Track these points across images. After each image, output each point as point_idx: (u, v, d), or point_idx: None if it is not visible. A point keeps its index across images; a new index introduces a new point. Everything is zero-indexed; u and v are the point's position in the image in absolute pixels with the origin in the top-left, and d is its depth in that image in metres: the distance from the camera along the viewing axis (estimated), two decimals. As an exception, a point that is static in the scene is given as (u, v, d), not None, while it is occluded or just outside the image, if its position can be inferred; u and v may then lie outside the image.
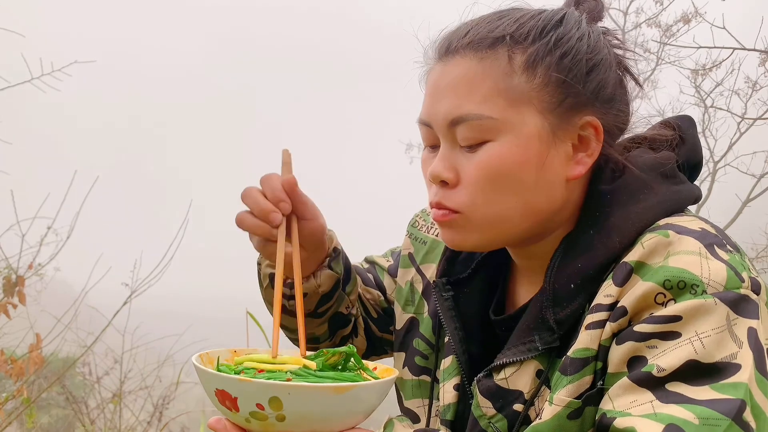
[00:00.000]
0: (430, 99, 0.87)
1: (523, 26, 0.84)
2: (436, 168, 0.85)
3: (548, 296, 0.84)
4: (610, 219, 0.83)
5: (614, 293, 0.79)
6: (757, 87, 5.18)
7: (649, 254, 0.78)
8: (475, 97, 0.82)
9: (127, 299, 3.71)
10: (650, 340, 0.75)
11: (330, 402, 0.72)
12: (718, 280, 0.74)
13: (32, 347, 3.12)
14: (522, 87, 0.82)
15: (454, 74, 0.84)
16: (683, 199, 0.86)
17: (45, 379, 4.07)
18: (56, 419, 5.45)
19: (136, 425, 4.22)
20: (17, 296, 3.15)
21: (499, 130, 0.82)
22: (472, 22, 0.87)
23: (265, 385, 0.71)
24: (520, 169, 0.82)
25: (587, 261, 0.83)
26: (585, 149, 0.85)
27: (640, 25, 6.05)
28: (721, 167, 5.75)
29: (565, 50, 0.83)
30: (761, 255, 5.24)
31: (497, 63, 0.82)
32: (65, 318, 3.58)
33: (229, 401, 0.73)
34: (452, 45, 0.86)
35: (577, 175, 0.85)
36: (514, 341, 0.87)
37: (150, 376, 4.44)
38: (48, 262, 3.64)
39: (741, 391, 0.70)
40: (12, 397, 3.31)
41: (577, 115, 0.84)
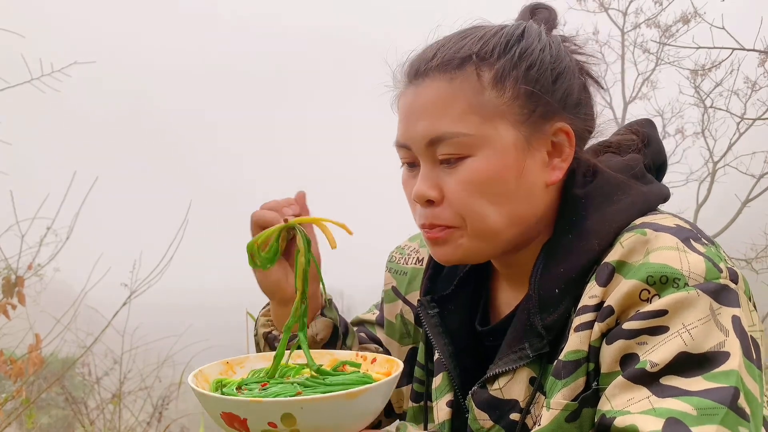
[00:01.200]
0: (405, 122, 0.89)
1: (487, 44, 0.87)
2: (420, 188, 0.87)
3: (534, 303, 0.86)
4: (586, 222, 0.86)
5: (599, 293, 0.81)
6: (757, 87, 5.18)
7: (629, 253, 0.80)
8: (450, 117, 0.85)
9: (127, 300, 3.70)
10: (640, 336, 0.76)
11: (343, 409, 0.72)
12: (698, 272, 0.77)
13: (32, 348, 3.12)
14: (493, 102, 0.85)
15: (427, 97, 0.87)
16: (654, 199, 0.90)
17: (44, 379, 4.06)
18: (56, 420, 5.45)
19: (136, 426, 4.22)
20: (17, 297, 3.14)
21: (476, 145, 0.85)
22: (438, 43, 0.91)
23: (276, 404, 0.70)
24: (501, 180, 0.85)
25: (569, 265, 0.85)
26: (559, 155, 0.89)
27: (640, 25, 6.05)
28: (721, 167, 5.75)
29: (530, 62, 0.86)
30: (761, 255, 5.23)
31: (467, 82, 0.85)
32: (65, 318, 3.58)
33: (238, 423, 0.72)
34: (421, 68, 0.89)
35: (554, 180, 0.89)
36: (505, 350, 0.89)
37: (149, 377, 4.44)
38: (47, 263, 3.64)
39: (733, 379, 0.72)
40: (11, 398, 3.30)
41: (548, 122, 0.87)
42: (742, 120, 5.19)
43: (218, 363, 0.87)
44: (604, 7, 6.18)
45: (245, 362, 0.90)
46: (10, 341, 3.55)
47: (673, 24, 5.70)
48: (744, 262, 5.33)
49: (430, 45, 0.91)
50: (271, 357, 0.88)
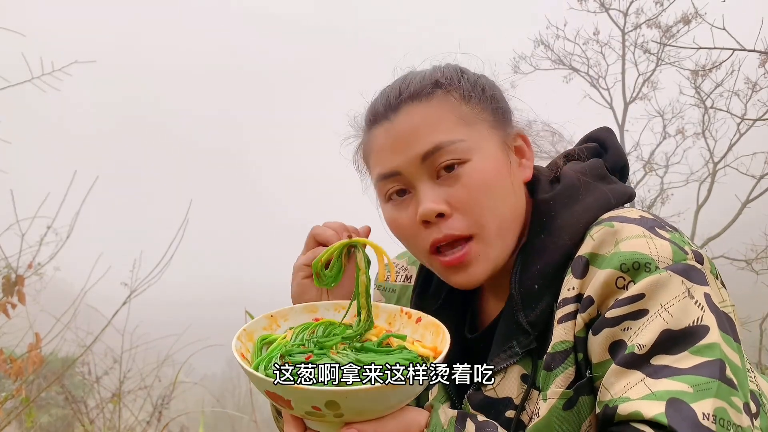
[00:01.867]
0: (390, 150, 0.95)
1: (444, 74, 0.98)
2: (428, 206, 0.92)
3: (516, 301, 0.92)
4: (556, 221, 0.93)
5: (576, 285, 0.86)
6: (757, 88, 5.18)
7: (600, 245, 0.86)
8: (442, 128, 0.93)
9: (127, 299, 3.70)
10: (623, 323, 0.81)
11: (386, 397, 0.75)
12: (665, 255, 0.83)
13: (31, 347, 3.12)
14: (470, 113, 0.96)
15: (411, 122, 0.94)
16: (618, 197, 0.96)
17: (44, 378, 4.07)
18: (55, 419, 5.45)
19: (136, 425, 4.22)
20: (17, 296, 3.14)
21: (471, 149, 0.93)
22: (395, 83, 0.99)
23: (320, 392, 0.72)
24: (500, 178, 0.94)
25: (544, 262, 0.91)
26: (523, 155, 1.01)
27: (640, 26, 6.06)
28: (721, 168, 5.75)
29: (481, 86, 0.99)
30: (761, 256, 5.23)
31: (444, 101, 0.95)
32: (65, 317, 3.58)
33: (282, 402, 0.75)
34: (392, 103, 0.96)
35: (528, 177, 0.99)
36: (495, 351, 0.93)
37: (149, 376, 4.44)
38: (48, 262, 3.64)
39: (717, 352, 0.77)
40: (11, 397, 3.30)
41: (509, 129, 0.99)
42: (743, 121, 5.18)
43: (262, 317, 0.90)
44: (604, 8, 6.18)
45: (289, 315, 0.92)
46: (10, 340, 3.55)
47: (673, 24, 5.71)
48: (744, 262, 5.34)
49: (386, 88, 1.00)
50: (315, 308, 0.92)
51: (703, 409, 0.73)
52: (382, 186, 0.97)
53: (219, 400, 5.91)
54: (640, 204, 6.34)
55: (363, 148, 1.02)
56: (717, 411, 0.74)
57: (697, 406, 0.73)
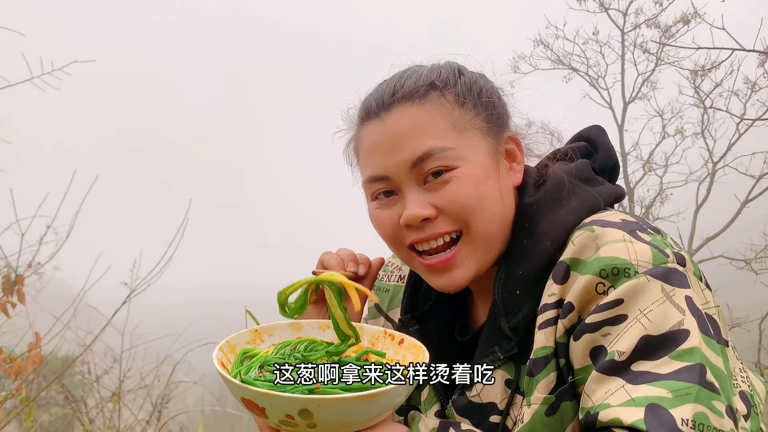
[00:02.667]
0: (380, 153, 0.94)
1: (440, 74, 0.97)
2: (413, 211, 0.92)
3: (499, 307, 0.92)
4: (539, 226, 0.93)
5: (557, 291, 0.86)
6: (756, 88, 5.19)
7: (581, 250, 0.86)
8: (433, 134, 0.92)
9: (127, 298, 3.70)
10: (602, 328, 0.81)
11: (361, 408, 0.74)
12: (645, 259, 0.83)
13: (31, 346, 3.12)
14: (462, 118, 0.94)
15: (402, 123, 0.94)
16: (604, 198, 0.96)
17: (44, 377, 4.07)
18: (55, 418, 5.45)
19: (135, 424, 4.22)
20: (17, 295, 3.14)
21: (460, 157, 0.92)
22: (390, 80, 0.99)
23: (293, 399, 0.72)
24: (487, 185, 0.93)
25: (526, 267, 0.91)
26: (514, 159, 1.00)
27: (640, 26, 6.06)
28: (720, 168, 5.76)
29: (478, 89, 0.98)
30: (760, 256, 5.24)
31: (437, 104, 0.94)
32: (64, 317, 3.58)
33: (257, 410, 0.74)
34: (386, 102, 0.95)
35: (518, 182, 0.99)
36: (478, 356, 0.94)
37: (149, 376, 4.44)
38: (47, 261, 3.64)
39: (697, 356, 0.77)
40: (11, 396, 3.30)
41: (502, 133, 0.99)
42: (742, 120, 5.19)
43: (247, 331, 0.90)
44: (604, 8, 6.18)
45: (274, 330, 0.93)
46: (10, 339, 3.55)
47: (673, 24, 5.71)
48: (743, 262, 5.34)
49: (381, 84, 0.99)
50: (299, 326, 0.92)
51: (682, 414, 0.73)
52: (370, 187, 0.97)
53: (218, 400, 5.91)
54: (639, 204, 6.35)
55: (354, 142, 1.02)
56: (696, 416, 0.74)
57: (676, 412, 0.73)
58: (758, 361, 4.54)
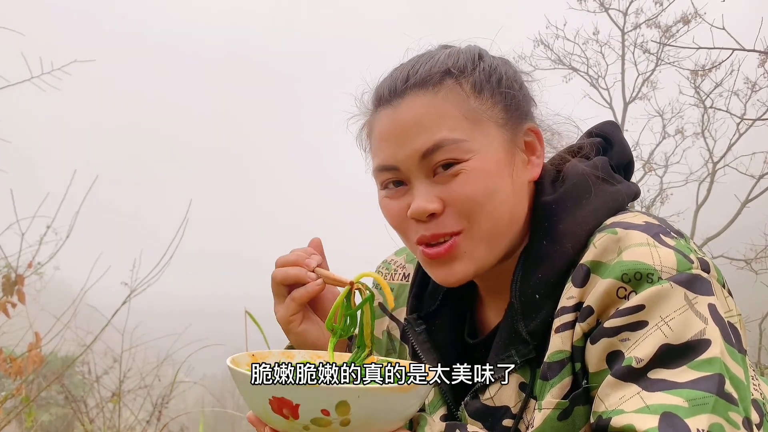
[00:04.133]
0: (391, 142, 0.91)
1: (457, 60, 0.93)
2: (420, 204, 0.89)
3: (517, 310, 0.89)
4: (559, 227, 0.89)
5: (576, 294, 0.84)
6: (757, 88, 5.18)
7: (602, 253, 0.83)
8: (445, 125, 0.89)
9: (127, 298, 3.70)
10: (621, 333, 0.79)
11: (394, 402, 0.72)
12: (669, 264, 0.80)
13: (31, 346, 3.12)
14: (478, 109, 0.90)
15: (414, 112, 0.90)
16: (623, 198, 0.93)
17: (44, 377, 4.07)
18: (55, 418, 5.45)
19: (135, 424, 4.22)
20: (17, 295, 3.15)
21: (471, 150, 0.89)
22: (406, 65, 0.94)
23: (333, 390, 0.69)
24: (498, 180, 0.89)
25: (546, 270, 0.88)
26: (533, 152, 0.95)
27: (640, 25, 6.06)
28: (720, 168, 5.76)
29: (498, 76, 0.93)
30: (760, 256, 5.24)
31: (452, 93, 0.90)
32: (64, 317, 3.58)
33: (288, 409, 0.70)
34: (398, 88, 0.91)
35: (535, 176, 0.94)
36: (493, 359, 0.91)
37: (149, 376, 4.44)
38: (47, 261, 3.64)
39: (717, 366, 0.75)
40: (11, 396, 3.31)
41: (521, 125, 0.94)
42: (742, 120, 5.19)
43: (245, 354, 0.85)
44: (604, 7, 6.18)
45: (268, 357, 0.88)
46: (10, 339, 3.55)
47: (673, 24, 5.71)
48: (743, 262, 5.34)
49: (396, 68, 0.95)
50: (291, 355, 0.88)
51: (697, 424, 0.72)
52: (380, 175, 0.94)
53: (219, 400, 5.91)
54: (639, 204, 6.35)
55: (367, 128, 0.99)
56: (712, 427, 0.72)
57: (691, 422, 0.72)
58: (758, 361, 4.54)
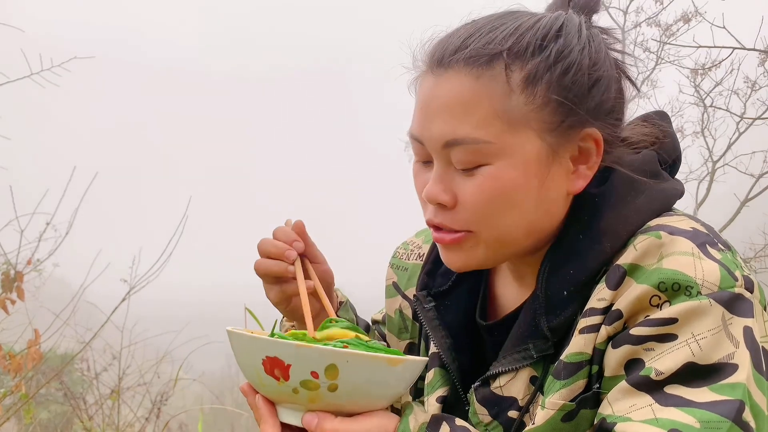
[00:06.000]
0: (422, 115, 0.83)
1: (520, 39, 0.79)
2: (433, 190, 0.83)
3: (541, 303, 0.83)
4: (600, 223, 0.82)
5: (608, 297, 0.78)
6: (757, 87, 5.18)
7: (642, 256, 0.77)
8: (472, 120, 0.79)
9: (126, 295, 3.71)
10: (647, 342, 0.74)
11: (382, 372, 0.72)
12: (712, 280, 0.74)
13: (31, 343, 3.12)
14: (521, 108, 0.78)
15: (449, 92, 0.80)
16: (670, 197, 0.86)
17: (43, 374, 4.07)
18: (54, 415, 5.45)
19: (135, 421, 4.22)
20: (16, 292, 3.14)
21: (496, 154, 0.79)
22: (466, 31, 0.83)
23: (325, 351, 0.70)
24: (521, 192, 0.80)
25: (579, 267, 0.82)
26: (585, 161, 0.83)
27: (640, 24, 6.05)
28: (720, 167, 5.76)
29: (567, 66, 0.79)
30: (759, 255, 5.24)
31: (494, 82, 0.78)
32: (64, 314, 3.58)
33: (280, 369, 0.70)
34: (445, 58, 0.81)
35: (578, 189, 0.83)
36: (509, 349, 0.87)
37: (148, 373, 4.44)
38: (47, 258, 3.64)
39: (739, 392, 0.70)
40: (10, 393, 3.31)
41: (578, 130, 0.81)
42: (742, 119, 5.19)
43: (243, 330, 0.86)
44: (604, 6, 6.16)
45: None
46: (9, 336, 3.55)
47: (673, 23, 5.70)
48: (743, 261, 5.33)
49: (458, 30, 0.84)
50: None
51: None
52: (411, 142, 0.87)
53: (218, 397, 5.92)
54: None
55: (415, 83, 0.89)
56: None
57: None
58: (757, 360, 4.54)
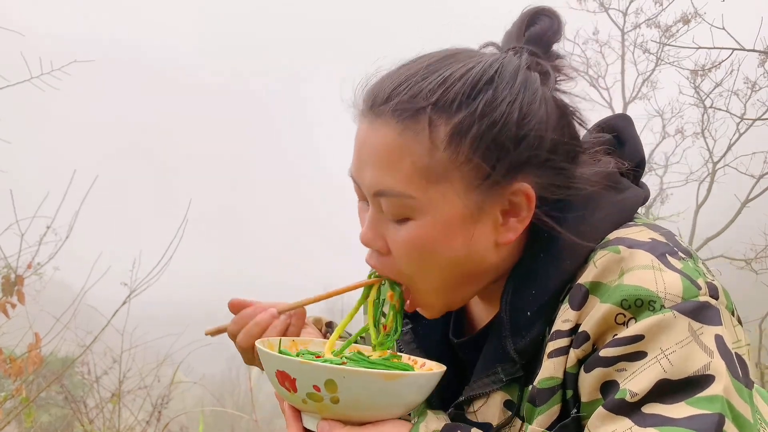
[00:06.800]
0: (356, 159, 0.85)
1: (448, 91, 0.78)
2: (366, 236, 0.85)
3: (506, 326, 0.83)
4: (559, 241, 0.81)
5: (572, 317, 0.77)
6: (756, 88, 5.18)
7: (603, 273, 0.76)
8: (396, 174, 0.79)
9: (126, 299, 3.71)
10: (618, 363, 0.73)
11: (380, 387, 0.77)
12: (674, 292, 0.73)
13: (31, 346, 3.12)
14: (444, 165, 0.78)
15: (377, 142, 0.80)
16: (630, 207, 0.85)
17: (44, 378, 4.06)
18: (55, 418, 5.45)
19: (135, 425, 4.22)
20: (16, 295, 3.15)
21: (420, 210, 0.79)
22: (399, 77, 0.82)
23: (321, 368, 0.76)
24: (445, 249, 0.81)
25: (540, 287, 0.81)
26: (516, 215, 0.82)
27: (640, 25, 6.06)
28: (720, 168, 5.76)
29: (493, 120, 0.77)
30: (760, 255, 5.24)
31: (418, 138, 0.78)
32: (64, 317, 3.58)
33: (289, 382, 0.79)
34: (376, 105, 0.81)
35: (507, 241, 0.82)
36: (479, 373, 0.87)
37: (149, 376, 4.44)
38: (47, 262, 3.64)
39: (717, 405, 0.69)
40: (11, 396, 3.31)
41: (506, 183, 0.80)
42: (742, 120, 5.19)
43: (286, 339, 0.96)
44: (604, 7, 6.18)
45: (309, 344, 0.98)
46: (10, 340, 3.55)
47: (673, 24, 5.71)
48: (743, 262, 5.34)
49: (391, 75, 0.83)
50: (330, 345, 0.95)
51: None
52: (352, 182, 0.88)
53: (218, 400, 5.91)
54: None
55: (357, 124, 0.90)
56: None
57: None
58: (758, 361, 4.54)
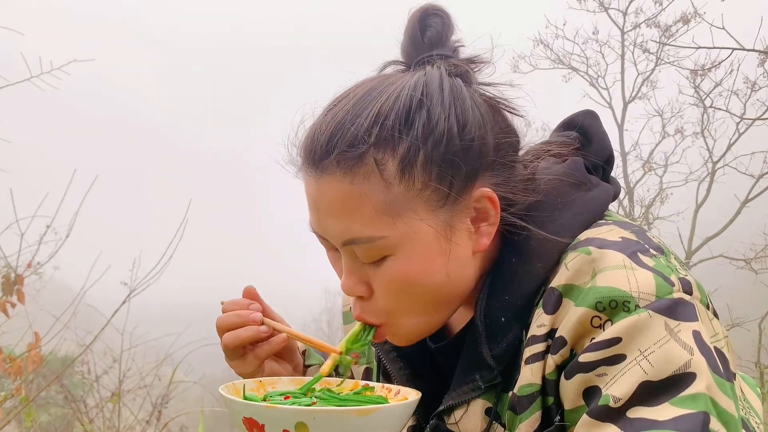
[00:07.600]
0: (314, 214, 0.83)
1: (384, 124, 0.77)
2: (347, 284, 0.83)
3: (481, 332, 0.82)
4: (530, 243, 0.81)
5: (547, 322, 0.77)
6: (756, 87, 5.19)
7: (575, 275, 0.76)
8: (360, 220, 0.78)
9: (126, 298, 3.71)
10: (598, 368, 0.72)
11: (354, 425, 0.73)
12: (647, 290, 0.72)
13: (31, 346, 3.12)
14: (403, 196, 0.78)
15: (330, 197, 0.79)
16: (599, 205, 0.84)
17: (44, 377, 4.07)
18: (55, 418, 5.46)
19: (135, 424, 4.22)
20: (16, 295, 3.15)
21: (396, 245, 0.79)
22: (328, 125, 0.80)
23: (290, 411, 0.72)
24: (429, 274, 0.80)
25: (514, 292, 0.81)
26: (485, 219, 0.82)
27: (640, 25, 6.07)
28: (720, 167, 5.77)
29: (436, 139, 0.77)
30: (760, 255, 5.24)
31: (370, 180, 0.77)
32: (64, 317, 3.58)
33: (257, 428, 0.74)
34: (317, 162, 0.79)
35: (483, 246, 0.82)
36: (458, 381, 0.86)
37: (149, 375, 4.44)
38: (47, 261, 3.64)
39: (701, 403, 0.68)
40: (11, 396, 3.31)
41: (467, 193, 0.80)
42: (742, 120, 5.20)
43: (252, 380, 0.91)
44: (604, 7, 6.19)
45: (277, 383, 0.92)
46: (10, 339, 3.55)
47: (673, 24, 5.72)
48: (743, 262, 5.34)
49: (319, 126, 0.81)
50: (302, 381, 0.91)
51: None
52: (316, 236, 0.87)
53: (218, 400, 5.92)
54: (639, 204, 6.35)
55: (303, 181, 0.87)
56: None
57: None
58: (758, 360, 4.54)
